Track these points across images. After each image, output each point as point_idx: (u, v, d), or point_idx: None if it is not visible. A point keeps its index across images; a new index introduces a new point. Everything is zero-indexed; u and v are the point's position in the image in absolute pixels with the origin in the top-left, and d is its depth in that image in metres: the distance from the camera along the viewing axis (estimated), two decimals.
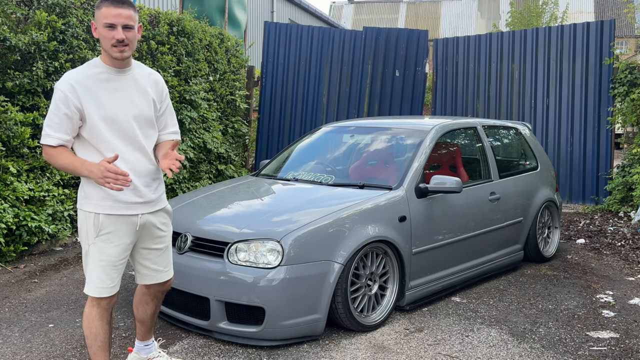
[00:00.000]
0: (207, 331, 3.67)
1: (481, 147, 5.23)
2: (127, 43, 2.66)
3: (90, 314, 2.78)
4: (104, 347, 2.81)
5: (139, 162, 2.79)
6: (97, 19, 2.66)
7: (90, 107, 2.65)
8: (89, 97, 2.65)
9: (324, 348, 3.58)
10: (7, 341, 3.62)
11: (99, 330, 2.78)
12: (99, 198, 2.71)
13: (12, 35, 5.44)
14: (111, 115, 2.69)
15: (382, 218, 3.98)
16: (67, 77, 2.66)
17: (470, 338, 3.79)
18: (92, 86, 2.67)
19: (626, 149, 9.35)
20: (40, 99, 5.78)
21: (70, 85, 2.63)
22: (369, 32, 9.69)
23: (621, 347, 3.70)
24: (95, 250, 2.72)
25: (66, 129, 2.64)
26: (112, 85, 2.72)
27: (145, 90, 2.83)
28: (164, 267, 3.00)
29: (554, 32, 8.99)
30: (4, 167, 5.30)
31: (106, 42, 2.65)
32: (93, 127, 2.67)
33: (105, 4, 2.64)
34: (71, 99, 2.62)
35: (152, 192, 2.84)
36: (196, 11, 9.54)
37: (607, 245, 6.41)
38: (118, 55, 2.68)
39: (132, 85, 2.79)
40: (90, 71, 2.70)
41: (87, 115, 2.65)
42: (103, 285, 2.74)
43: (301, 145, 5.43)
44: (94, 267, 2.73)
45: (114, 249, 2.74)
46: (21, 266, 5.21)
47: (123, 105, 2.73)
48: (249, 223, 3.77)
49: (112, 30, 2.63)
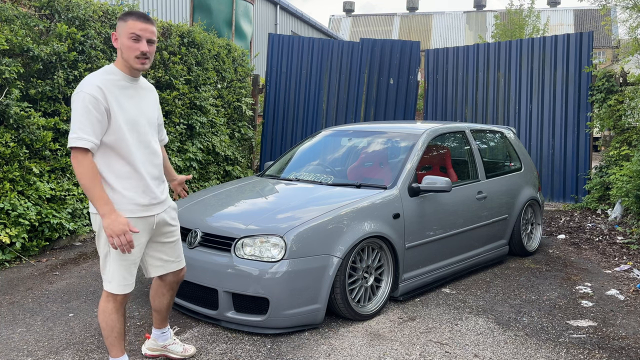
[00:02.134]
0: (216, 320, 3.67)
1: (469, 150, 5.23)
2: (148, 56, 2.66)
3: (106, 308, 2.74)
4: (120, 338, 2.80)
5: (153, 165, 2.78)
6: (122, 30, 2.63)
7: (116, 110, 2.60)
8: (114, 101, 2.60)
9: (324, 335, 3.57)
10: (30, 329, 3.62)
11: (115, 323, 2.76)
12: (118, 202, 2.63)
13: (35, 46, 5.44)
14: (131, 120, 2.66)
15: (378, 215, 3.98)
16: (93, 81, 2.57)
17: (459, 326, 3.78)
18: (114, 91, 2.62)
19: (604, 152, 9.35)
20: (61, 105, 5.78)
21: (99, 89, 2.54)
22: (365, 43, 9.68)
23: (599, 335, 3.70)
24: (117, 252, 2.66)
25: (97, 132, 2.53)
26: (128, 92, 2.69)
27: (150, 99, 2.85)
28: (176, 258, 2.99)
29: (537, 43, 8.99)
30: (27, 168, 5.30)
31: (129, 53, 2.63)
32: (118, 130, 2.60)
33: (132, 17, 2.63)
34: (101, 101, 2.54)
35: (161, 192, 2.83)
36: (205, 24, 9.54)
37: (585, 240, 6.41)
38: (139, 67, 2.66)
39: (142, 93, 2.79)
40: (109, 77, 2.65)
41: (114, 118, 2.59)
42: (125, 282, 2.72)
43: (302, 148, 5.43)
44: (117, 268, 2.68)
45: (136, 249, 2.71)
46: (43, 260, 5.21)
47: (138, 111, 2.72)
48: (254, 220, 3.77)
49: (138, 43, 2.62)
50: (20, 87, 5.33)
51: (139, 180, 2.68)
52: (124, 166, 2.65)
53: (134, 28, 2.61)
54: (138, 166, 2.66)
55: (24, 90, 5.45)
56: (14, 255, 5.06)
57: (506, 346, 3.48)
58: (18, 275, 4.72)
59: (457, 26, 42.17)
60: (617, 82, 8.28)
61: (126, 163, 2.65)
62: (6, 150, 5.04)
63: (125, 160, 2.64)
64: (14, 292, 4.30)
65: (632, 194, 6.53)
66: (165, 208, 2.88)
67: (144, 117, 2.75)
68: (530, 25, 21.34)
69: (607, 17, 8.99)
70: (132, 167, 2.66)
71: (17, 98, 5.20)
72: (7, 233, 4.88)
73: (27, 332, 3.58)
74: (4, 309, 3.95)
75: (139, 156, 2.68)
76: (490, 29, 32.81)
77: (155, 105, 2.90)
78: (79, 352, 3.29)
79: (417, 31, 42.62)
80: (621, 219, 7.22)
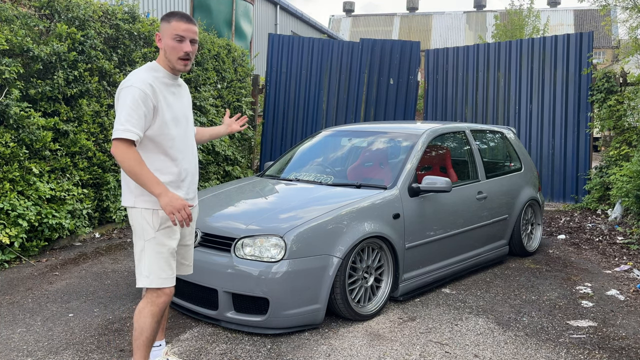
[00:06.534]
0: (216, 320, 3.67)
1: (469, 150, 5.23)
2: (190, 57, 2.69)
3: (144, 310, 2.67)
4: (148, 344, 2.71)
5: (192, 160, 2.82)
6: (166, 31, 2.66)
7: (163, 106, 2.63)
8: (161, 98, 2.63)
9: (324, 336, 3.57)
10: (30, 329, 3.62)
11: (147, 327, 2.67)
12: None
13: (35, 46, 5.43)
14: (176, 116, 2.70)
15: (378, 215, 3.98)
16: (144, 78, 2.60)
17: (459, 326, 3.78)
18: (160, 88, 2.65)
19: (603, 152, 9.35)
20: (61, 105, 5.78)
21: (149, 85, 2.58)
22: (365, 43, 9.68)
23: (599, 335, 3.70)
24: (154, 243, 2.63)
25: (142, 126, 2.55)
26: (171, 89, 2.73)
27: (188, 97, 2.91)
28: (189, 262, 2.99)
29: (537, 43, 8.99)
30: (27, 169, 5.30)
31: (173, 54, 2.65)
32: (163, 126, 2.63)
33: (175, 18, 2.65)
34: (151, 97, 2.57)
35: (193, 190, 2.85)
36: (205, 24, 9.54)
37: (586, 240, 6.41)
38: (182, 68, 2.70)
39: (181, 91, 2.83)
40: (155, 74, 2.67)
41: (160, 114, 2.62)
42: (165, 275, 2.65)
43: (302, 148, 5.43)
44: (155, 260, 2.63)
45: (173, 241, 2.69)
46: (43, 260, 5.21)
47: (181, 108, 2.77)
48: (254, 220, 3.77)
49: (181, 43, 2.64)
50: (20, 87, 5.33)
51: (176, 176, 2.71)
52: (162, 161, 2.67)
53: (178, 29, 2.63)
54: (177, 161, 2.70)
55: (23, 90, 5.44)
56: (14, 256, 5.05)
57: (506, 346, 3.48)
58: (18, 276, 4.72)
59: (457, 26, 42.17)
60: (617, 83, 8.28)
61: (165, 157, 2.67)
62: (6, 150, 5.04)
63: (165, 154, 2.66)
64: (14, 292, 4.30)
65: (632, 194, 6.53)
66: (193, 206, 2.88)
67: (184, 114, 2.80)
68: (530, 26, 21.34)
69: (607, 17, 9.00)
70: (171, 161, 2.68)
71: (17, 98, 5.20)
72: (7, 233, 4.88)
73: (27, 332, 3.58)
74: (4, 309, 3.95)
75: (178, 152, 2.71)
76: (490, 29, 32.81)
77: (190, 102, 2.95)
78: (78, 352, 3.29)
79: (417, 31, 42.62)
80: (621, 219, 7.22)
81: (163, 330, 3.08)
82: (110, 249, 5.68)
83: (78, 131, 5.92)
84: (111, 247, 5.76)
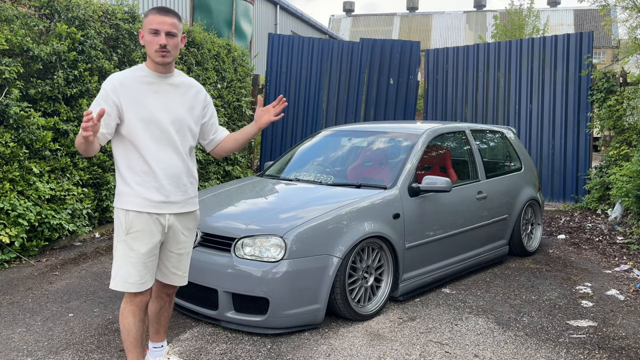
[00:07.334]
0: (216, 320, 3.67)
1: (469, 150, 5.23)
2: (169, 49, 2.63)
3: (124, 310, 2.68)
4: (136, 344, 2.70)
5: (171, 163, 2.69)
6: (144, 26, 2.66)
7: (129, 107, 2.61)
8: (129, 98, 2.61)
9: (324, 336, 3.57)
10: (30, 329, 3.62)
11: (131, 327, 2.68)
12: (128, 195, 2.63)
13: (34, 46, 5.43)
14: (148, 116, 2.64)
15: (378, 215, 3.98)
16: (112, 77, 2.65)
17: (459, 326, 3.78)
18: (134, 87, 2.63)
19: (603, 152, 9.36)
20: (61, 105, 5.78)
21: (113, 85, 2.60)
22: (365, 43, 9.68)
23: (599, 335, 3.70)
24: (124, 246, 2.62)
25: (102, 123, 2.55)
26: (152, 88, 2.68)
27: (185, 98, 2.78)
28: (182, 272, 2.87)
29: (537, 43, 8.99)
30: (27, 169, 5.30)
31: (150, 48, 2.63)
32: (130, 126, 2.61)
33: (152, 13, 2.65)
34: (111, 96, 2.58)
35: (180, 193, 2.72)
36: (205, 23, 9.54)
37: (585, 240, 6.41)
38: (160, 60, 2.64)
39: (172, 91, 2.74)
40: (135, 74, 2.67)
41: (125, 115, 2.61)
42: (132, 280, 2.61)
43: (302, 148, 5.43)
44: (123, 263, 2.62)
45: (144, 247, 2.63)
46: (43, 260, 5.21)
47: (161, 108, 2.68)
48: (254, 220, 3.77)
49: (157, 36, 2.61)
50: (20, 87, 5.33)
51: (152, 177, 2.64)
52: (139, 161, 2.64)
53: (153, 22, 2.62)
54: (152, 163, 2.63)
55: (23, 90, 5.44)
56: (14, 255, 5.05)
57: (506, 346, 3.48)
58: (18, 275, 4.72)
59: (457, 26, 42.18)
60: (617, 82, 8.28)
61: (141, 159, 2.63)
62: (6, 150, 5.04)
63: (141, 155, 2.63)
64: (14, 292, 4.30)
65: (632, 194, 6.53)
66: (182, 212, 2.76)
67: (168, 115, 2.69)
68: (530, 25, 21.33)
69: (607, 17, 9.00)
70: (147, 163, 2.63)
71: (17, 98, 5.20)
72: (7, 233, 4.88)
73: (27, 332, 3.58)
74: (4, 309, 3.95)
75: (155, 154, 2.64)
76: (490, 29, 32.80)
77: (191, 103, 2.79)
78: (78, 352, 3.29)
79: (417, 31, 42.63)
80: (621, 219, 7.22)
81: (165, 331, 3.06)
82: (110, 249, 5.68)
83: (78, 131, 5.92)
84: (111, 247, 5.75)
